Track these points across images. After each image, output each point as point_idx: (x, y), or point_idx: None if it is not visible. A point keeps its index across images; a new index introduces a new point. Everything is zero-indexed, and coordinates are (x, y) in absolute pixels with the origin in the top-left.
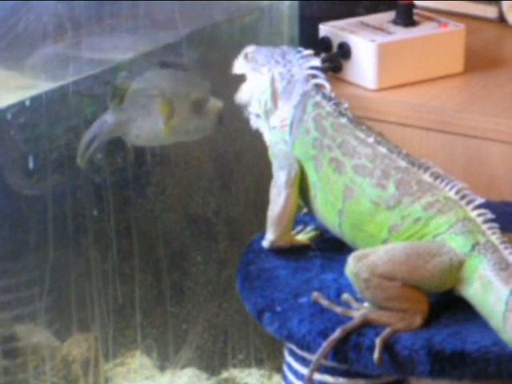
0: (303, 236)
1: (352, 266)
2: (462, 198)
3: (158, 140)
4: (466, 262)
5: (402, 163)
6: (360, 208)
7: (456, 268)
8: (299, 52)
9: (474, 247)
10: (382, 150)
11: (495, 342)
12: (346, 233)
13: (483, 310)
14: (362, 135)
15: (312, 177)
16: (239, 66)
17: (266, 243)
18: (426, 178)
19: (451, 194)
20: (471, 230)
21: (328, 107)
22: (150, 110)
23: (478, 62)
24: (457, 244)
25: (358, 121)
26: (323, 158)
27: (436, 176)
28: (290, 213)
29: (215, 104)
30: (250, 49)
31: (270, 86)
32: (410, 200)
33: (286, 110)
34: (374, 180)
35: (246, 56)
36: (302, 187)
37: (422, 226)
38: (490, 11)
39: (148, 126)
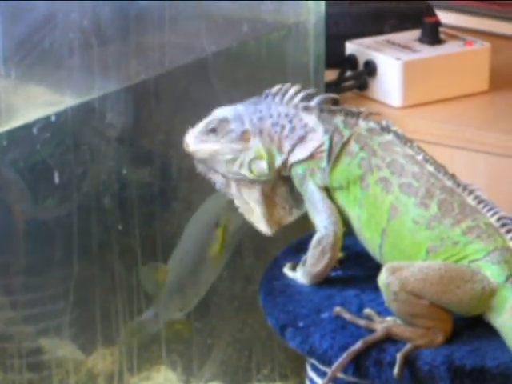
0: None
1: (384, 276)
2: (503, 225)
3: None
4: (498, 292)
5: (448, 183)
6: (402, 227)
7: (487, 297)
8: (267, 96)
9: (508, 278)
10: (430, 168)
11: None
12: (385, 254)
13: (510, 340)
14: (411, 152)
15: (357, 197)
16: (210, 144)
17: (298, 280)
18: (469, 201)
19: (492, 220)
20: (508, 260)
21: (365, 124)
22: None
23: (503, 80)
24: (492, 273)
25: (406, 137)
26: (371, 178)
27: (479, 200)
28: (331, 267)
29: None
30: (209, 122)
31: (270, 142)
32: (451, 222)
33: (315, 140)
34: (418, 199)
35: (212, 131)
36: (343, 209)
37: (460, 249)
38: None
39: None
